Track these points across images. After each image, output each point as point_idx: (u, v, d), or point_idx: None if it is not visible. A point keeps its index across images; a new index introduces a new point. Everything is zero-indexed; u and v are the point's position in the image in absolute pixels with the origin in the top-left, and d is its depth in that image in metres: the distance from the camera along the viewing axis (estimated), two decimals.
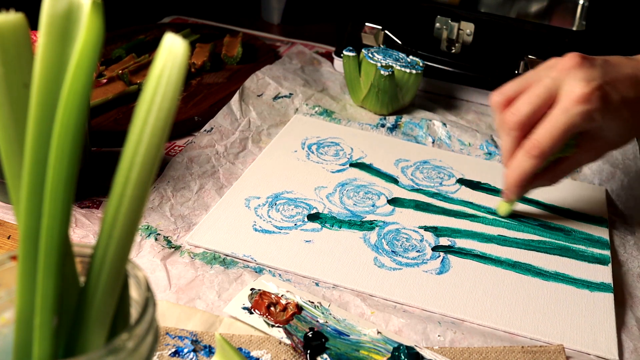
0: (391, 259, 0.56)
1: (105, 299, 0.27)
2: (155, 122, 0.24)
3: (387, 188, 0.65)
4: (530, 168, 0.53)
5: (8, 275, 0.30)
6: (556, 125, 0.50)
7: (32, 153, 0.25)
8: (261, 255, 0.55)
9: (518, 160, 0.53)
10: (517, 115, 0.52)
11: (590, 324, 0.50)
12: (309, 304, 0.49)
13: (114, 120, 0.72)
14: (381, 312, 0.49)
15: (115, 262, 0.26)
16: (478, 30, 0.81)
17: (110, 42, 0.89)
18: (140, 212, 0.26)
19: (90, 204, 0.60)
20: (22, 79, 0.25)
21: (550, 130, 0.51)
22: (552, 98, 0.52)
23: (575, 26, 0.83)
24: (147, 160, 0.25)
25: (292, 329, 0.47)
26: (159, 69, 0.24)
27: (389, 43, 0.84)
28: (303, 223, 0.59)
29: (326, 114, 0.77)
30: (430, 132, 0.75)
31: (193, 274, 0.52)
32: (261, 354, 0.45)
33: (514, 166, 0.54)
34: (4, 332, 0.30)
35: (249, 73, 0.82)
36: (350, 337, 0.47)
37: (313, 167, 0.67)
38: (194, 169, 0.65)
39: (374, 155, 0.70)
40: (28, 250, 0.26)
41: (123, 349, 0.27)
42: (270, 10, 1.07)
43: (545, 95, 0.52)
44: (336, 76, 0.86)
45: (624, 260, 0.58)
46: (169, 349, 0.45)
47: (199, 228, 0.57)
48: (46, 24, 0.25)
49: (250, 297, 0.49)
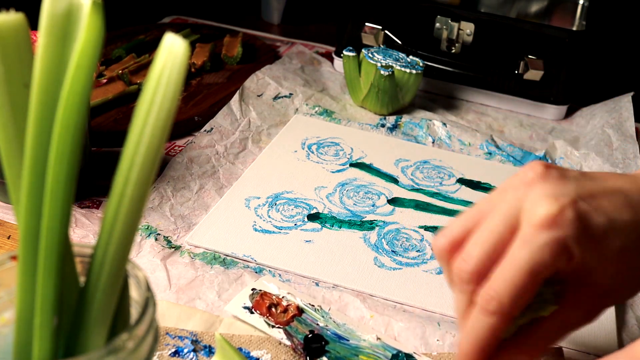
0: (391, 258, 0.56)
1: (105, 299, 0.27)
2: (155, 122, 0.24)
3: (387, 188, 0.65)
4: (489, 330, 0.36)
5: (8, 275, 0.30)
6: (517, 265, 0.34)
7: (32, 153, 0.25)
8: (261, 255, 0.55)
9: (472, 322, 0.36)
10: (467, 262, 0.36)
11: (590, 324, 0.50)
12: (310, 307, 0.49)
13: (114, 120, 0.72)
14: (380, 315, 0.49)
15: (115, 262, 0.26)
16: (478, 30, 0.81)
17: (110, 42, 0.89)
18: (140, 212, 0.26)
19: (90, 204, 0.60)
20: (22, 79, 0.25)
21: (510, 273, 0.34)
22: (513, 229, 0.36)
23: (575, 26, 0.83)
24: (147, 160, 0.25)
25: (292, 331, 0.47)
26: (159, 69, 0.24)
27: (389, 43, 0.84)
28: (303, 223, 0.59)
29: (326, 114, 0.77)
30: (430, 132, 0.75)
31: (193, 274, 0.52)
32: (261, 354, 0.45)
33: (467, 330, 0.37)
34: (4, 332, 0.30)
35: (249, 73, 0.82)
36: (349, 341, 0.47)
37: (313, 167, 0.67)
38: (194, 169, 0.65)
39: (374, 155, 0.70)
40: (28, 250, 0.26)
41: (123, 349, 0.27)
42: (270, 10, 1.07)
43: (502, 227, 0.36)
44: (336, 76, 0.86)
45: None
46: (169, 349, 0.45)
47: (199, 228, 0.57)
48: (46, 24, 0.25)
49: (251, 297, 0.49)
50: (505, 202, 0.36)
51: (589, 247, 0.35)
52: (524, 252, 0.34)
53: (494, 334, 0.36)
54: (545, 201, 0.34)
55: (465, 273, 0.36)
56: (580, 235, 0.34)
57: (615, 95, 0.81)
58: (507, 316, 0.35)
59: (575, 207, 0.34)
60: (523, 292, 0.34)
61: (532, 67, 0.79)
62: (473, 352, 0.36)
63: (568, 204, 0.34)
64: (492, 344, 0.36)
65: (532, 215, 0.34)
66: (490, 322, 0.35)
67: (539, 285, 0.35)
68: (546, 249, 0.34)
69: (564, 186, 0.35)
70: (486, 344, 0.36)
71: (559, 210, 0.34)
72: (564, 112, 0.82)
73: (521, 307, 0.35)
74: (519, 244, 0.35)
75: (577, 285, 0.37)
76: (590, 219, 0.35)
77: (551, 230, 0.34)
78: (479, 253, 0.36)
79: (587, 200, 0.35)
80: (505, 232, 0.35)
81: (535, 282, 0.34)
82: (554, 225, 0.34)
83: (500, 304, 0.35)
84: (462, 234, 0.37)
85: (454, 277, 0.37)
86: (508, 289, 0.34)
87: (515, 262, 0.34)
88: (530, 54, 0.80)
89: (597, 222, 0.35)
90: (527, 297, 0.35)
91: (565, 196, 0.35)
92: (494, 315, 0.35)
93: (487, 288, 0.35)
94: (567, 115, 0.82)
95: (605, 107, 0.80)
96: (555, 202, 0.34)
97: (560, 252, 0.34)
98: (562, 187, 0.35)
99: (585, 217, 0.35)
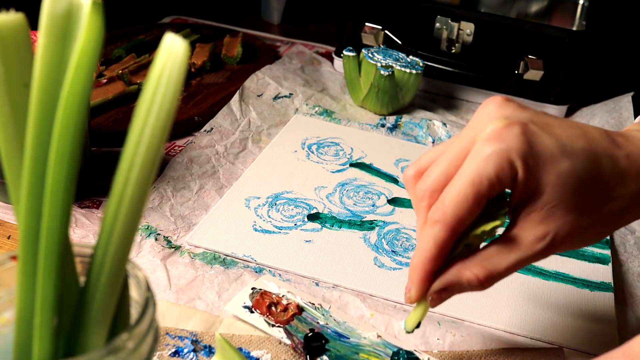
0: (391, 258, 0.56)
1: (105, 299, 0.27)
2: (155, 122, 0.24)
3: (387, 188, 0.65)
4: (432, 240, 0.36)
5: (8, 275, 0.30)
6: (462, 177, 0.36)
7: (32, 153, 0.25)
8: (261, 255, 0.55)
9: (421, 234, 0.37)
10: (424, 181, 0.38)
11: (590, 324, 0.50)
12: (310, 306, 0.49)
13: (114, 120, 0.72)
14: (380, 314, 0.49)
15: (115, 262, 0.26)
16: (478, 30, 0.81)
17: (110, 42, 0.89)
18: (140, 212, 0.26)
19: (90, 204, 0.60)
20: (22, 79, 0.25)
21: (457, 185, 0.36)
22: (468, 150, 0.37)
23: (575, 26, 0.83)
24: (147, 160, 0.25)
25: (292, 330, 0.47)
26: (159, 69, 0.24)
27: (389, 43, 0.84)
28: (303, 223, 0.59)
29: (326, 114, 0.77)
30: (430, 132, 0.75)
31: (193, 274, 0.52)
32: (261, 354, 0.45)
33: (417, 244, 0.38)
34: (4, 332, 0.30)
35: (249, 73, 0.82)
36: (350, 339, 0.47)
37: (313, 167, 0.67)
38: (194, 169, 0.65)
39: (374, 155, 0.70)
40: (28, 250, 0.26)
41: (123, 349, 0.27)
42: (270, 10, 1.07)
43: (458, 148, 0.38)
44: (336, 76, 0.86)
45: (624, 260, 0.58)
46: (169, 349, 0.45)
47: (199, 228, 0.57)
48: (46, 24, 0.25)
49: (251, 296, 0.49)
50: (466, 130, 0.38)
51: (533, 165, 0.35)
52: (469, 164, 0.36)
53: (439, 244, 0.36)
54: (497, 120, 0.36)
55: (422, 191, 0.38)
56: (525, 150, 0.35)
57: (615, 95, 0.81)
58: (450, 226, 0.36)
59: (523, 126, 0.36)
60: (466, 203, 0.36)
61: (532, 67, 0.79)
62: (420, 263, 0.37)
63: (516, 122, 0.36)
64: (438, 255, 0.37)
65: (483, 132, 0.36)
66: (434, 232, 0.36)
67: (484, 199, 0.36)
68: (489, 159, 0.35)
69: (519, 113, 0.37)
70: (432, 254, 0.37)
71: (506, 125, 0.35)
72: (564, 112, 0.82)
73: (466, 220, 0.36)
74: (468, 159, 0.36)
75: (526, 207, 0.37)
76: (537, 138, 0.36)
77: (495, 143, 0.35)
78: (435, 172, 0.38)
79: (539, 126, 0.36)
80: (460, 152, 0.37)
81: (479, 194, 0.35)
82: (498, 137, 0.35)
83: (444, 213, 0.36)
84: (428, 164, 0.39)
85: (415, 199, 0.39)
86: (452, 200, 0.36)
87: (461, 174, 0.36)
88: (530, 54, 0.80)
89: (545, 142, 0.36)
90: (471, 210, 0.36)
91: (516, 117, 0.36)
92: (437, 224, 0.36)
93: (437, 203, 0.37)
94: (567, 115, 0.82)
95: (605, 107, 0.80)
96: (504, 120, 0.36)
97: (503, 164, 0.35)
98: (517, 112, 0.37)
99: (532, 135, 0.36)
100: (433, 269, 0.37)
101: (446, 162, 0.38)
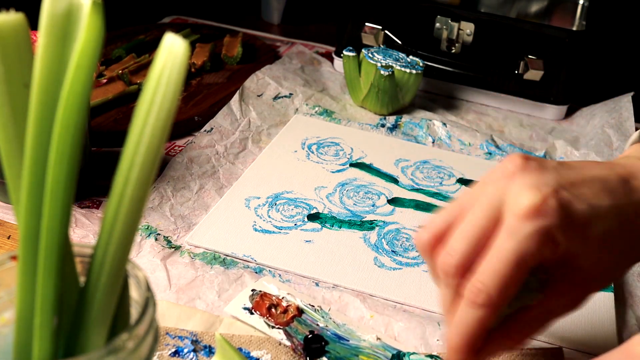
0: (391, 258, 0.56)
1: (105, 299, 0.27)
2: (155, 122, 0.24)
3: (387, 188, 0.65)
4: (478, 323, 0.36)
5: (8, 275, 0.30)
6: (503, 257, 0.34)
7: (32, 153, 0.25)
8: (261, 255, 0.55)
9: (460, 315, 0.36)
10: (452, 256, 0.36)
11: (590, 324, 0.50)
12: (310, 307, 0.49)
13: (114, 120, 0.72)
14: (380, 315, 0.49)
15: (115, 262, 0.26)
16: (478, 30, 0.81)
17: (110, 42, 0.89)
18: (140, 212, 0.26)
19: (90, 204, 0.60)
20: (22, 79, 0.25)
21: (496, 264, 0.35)
22: (496, 221, 0.36)
23: (575, 26, 0.83)
24: (147, 160, 0.25)
25: (292, 331, 0.47)
26: (159, 69, 0.24)
27: (389, 43, 0.84)
28: (303, 223, 0.59)
29: (326, 114, 0.77)
30: (430, 132, 0.75)
31: (193, 274, 0.52)
32: (261, 354, 0.45)
33: (456, 323, 0.37)
34: (4, 332, 0.30)
35: (249, 73, 0.82)
36: (349, 341, 0.47)
37: (313, 167, 0.67)
38: (194, 169, 0.65)
39: (374, 155, 0.70)
40: (28, 250, 0.26)
41: (123, 349, 0.27)
42: (270, 10, 1.07)
43: (484, 219, 0.36)
44: (336, 76, 0.86)
45: None
46: (169, 349, 0.45)
47: (199, 228, 0.57)
48: (46, 24, 0.25)
49: (251, 297, 0.49)
50: (486, 195, 0.36)
51: (572, 235, 0.35)
52: (510, 243, 0.34)
53: (483, 327, 0.36)
54: (528, 192, 0.35)
55: (451, 267, 0.36)
56: (563, 223, 0.34)
57: (615, 95, 0.81)
58: (495, 307, 0.35)
59: (557, 196, 0.35)
60: (510, 283, 0.35)
61: (532, 67, 0.79)
62: (463, 345, 0.36)
63: (550, 193, 0.35)
64: (481, 336, 0.36)
65: (516, 206, 0.35)
66: (480, 315, 0.35)
67: (526, 275, 0.35)
68: (532, 238, 0.34)
69: (545, 176, 0.36)
70: (476, 336, 0.36)
71: (542, 200, 0.34)
72: (564, 112, 0.82)
73: (509, 298, 0.35)
74: (504, 236, 0.35)
75: (562, 273, 0.37)
76: (572, 207, 0.35)
77: (536, 220, 0.34)
78: (463, 246, 0.36)
79: (568, 189, 0.36)
80: (488, 224, 0.36)
81: (522, 272, 0.35)
82: (538, 214, 0.34)
83: (489, 296, 0.35)
84: (444, 228, 0.38)
85: (438, 272, 0.37)
86: (496, 281, 0.34)
87: (501, 253, 0.34)
88: (530, 54, 0.80)
89: (579, 209, 0.35)
90: (514, 288, 0.35)
91: (547, 186, 0.35)
92: (482, 307, 0.35)
93: (474, 281, 0.35)
94: (567, 115, 0.82)
95: (605, 107, 0.80)
96: (537, 192, 0.35)
97: (546, 241, 0.34)
98: (543, 177, 0.36)
99: (568, 205, 0.35)
100: (474, 346, 0.37)
101: (474, 235, 0.36)
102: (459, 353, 0.37)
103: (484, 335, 0.36)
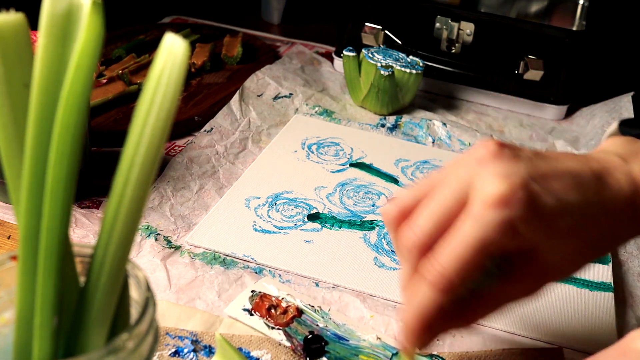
0: (391, 258, 0.56)
1: (105, 299, 0.27)
2: (155, 122, 0.24)
3: (387, 188, 0.65)
4: (434, 304, 0.36)
5: (8, 275, 0.30)
6: (465, 242, 0.35)
7: (32, 153, 0.25)
8: (261, 255, 0.55)
9: (417, 295, 0.37)
10: (415, 232, 0.37)
11: (590, 324, 0.50)
12: (309, 308, 0.49)
13: (114, 120, 0.72)
14: (380, 315, 0.49)
15: (115, 262, 0.26)
16: (478, 30, 0.81)
17: (110, 42, 0.89)
18: (140, 212, 0.26)
19: (90, 204, 0.60)
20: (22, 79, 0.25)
21: (457, 248, 0.35)
22: (462, 203, 0.36)
23: (575, 26, 0.83)
24: (147, 160, 0.25)
25: (292, 332, 0.47)
26: (159, 69, 0.24)
27: (389, 43, 0.84)
28: (303, 223, 0.59)
29: (326, 114, 0.77)
30: (430, 132, 0.75)
31: (193, 274, 0.52)
32: (261, 354, 0.45)
33: (413, 304, 0.37)
34: (4, 332, 0.30)
35: (249, 73, 0.82)
36: (349, 341, 0.47)
37: (313, 167, 0.67)
38: (194, 169, 0.65)
39: (374, 155, 0.70)
40: (28, 250, 0.26)
41: (123, 349, 0.27)
42: (270, 10, 1.07)
43: (450, 200, 0.36)
44: (336, 76, 0.86)
45: (624, 260, 0.58)
46: (169, 349, 0.45)
47: (199, 228, 0.57)
48: (46, 24, 0.25)
49: (250, 298, 0.49)
50: (456, 177, 0.36)
51: (536, 227, 0.35)
52: (473, 229, 0.34)
53: (437, 306, 0.36)
54: (497, 180, 0.34)
55: (412, 243, 0.36)
56: (529, 215, 0.34)
57: (615, 95, 0.81)
58: (450, 291, 0.36)
59: (526, 188, 0.34)
60: (469, 268, 0.35)
61: (532, 67, 0.79)
62: (419, 325, 0.37)
63: (519, 184, 0.34)
64: (435, 315, 0.37)
65: (483, 193, 0.35)
66: (436, 297, 0.36)
67: (485, 261, 0.36)
68: (495, 227, 0.34)
69: (516, 166, 0.35)
70: (431, 317, 0.37)
71: (510, 190, 0.34)
72: (564, 112, 0.82)
73: (467, 282, 0.36)
74: (469, 221, 0.35)
75: (523, 262, 0.37)
76: (540, 200, 0.35)
77: (501, 210, 0.34)
78: (426, 224, 0.36)
79: (538, 181, 0.35)
80: (453, 206, 0.36)
81: (482, 259, 0.35)
82: (504, 205, 0.34)
83: (447, 279, 0.35)
84: (411, 204, 0.38)
85: (400, 246, 0.38)
86: (455, 265, 0.35)
87: (463, 238, 0.35)
88: (530, 54, 0.80)
89: (546, 202, 0.35)
90: (473, 273, 0.35)
91: (517, 176, 0.35)
92: (436, 288, 0.35)
93: (434, 262, 0.36)
94: (567, 115, 0.82)
95: (605, 107, 0.80)
96: (506, 181, 0.34)
97: (509, 232, 0.34)
98: (514, 167, 0.35)
99: (536, 198, 0.35)
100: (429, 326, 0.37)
101: (437, 213, 0.36)
102: (415, 332, 0.37)
103: (437, 316, 0.37)
